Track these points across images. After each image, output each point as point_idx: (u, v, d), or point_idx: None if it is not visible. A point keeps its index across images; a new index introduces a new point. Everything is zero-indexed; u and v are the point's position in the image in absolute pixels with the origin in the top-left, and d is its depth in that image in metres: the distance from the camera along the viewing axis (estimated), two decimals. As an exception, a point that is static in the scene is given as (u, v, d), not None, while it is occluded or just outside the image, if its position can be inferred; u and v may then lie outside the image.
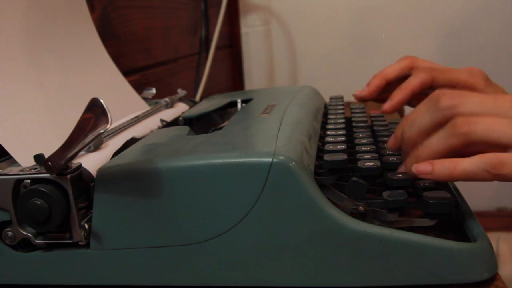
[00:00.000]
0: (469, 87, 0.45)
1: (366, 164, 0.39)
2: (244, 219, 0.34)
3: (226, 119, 0.58)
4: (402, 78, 0.52)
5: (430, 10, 1.26)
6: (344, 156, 0.39)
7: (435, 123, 0.36)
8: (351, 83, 1.31)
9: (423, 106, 0.38)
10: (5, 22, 0.46)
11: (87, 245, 0.37)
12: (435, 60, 0.54)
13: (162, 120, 0.55)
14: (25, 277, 0.38)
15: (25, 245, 0.38)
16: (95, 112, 0.32)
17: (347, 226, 0.33)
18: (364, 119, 0.55)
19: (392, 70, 0.52)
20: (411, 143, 0.38)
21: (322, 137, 0.48)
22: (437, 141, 0.36)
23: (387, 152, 0.43)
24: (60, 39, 0.53)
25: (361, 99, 0.53)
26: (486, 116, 0.34)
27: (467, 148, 0.35)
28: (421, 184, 0.39)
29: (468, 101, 0.35)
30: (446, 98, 0.36)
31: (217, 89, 1.23)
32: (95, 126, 0.33)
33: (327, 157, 0.39)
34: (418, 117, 0.38)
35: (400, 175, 0.38)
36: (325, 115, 0.58)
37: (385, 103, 0.49)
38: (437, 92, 0.37)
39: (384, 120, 0.55)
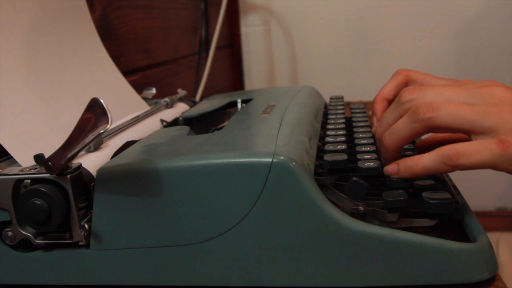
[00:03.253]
0: None
1: (366, 164, 0.39)
2: (244, 219, 0.34)
3: (226, 119, 0.58)
4: None
5: (430, 11, 1.26)
6: (344, 156, 0.39)
7: (400, 116, 0.38)
8: (351, 83, 1.31)
9: (391, 105, 0.40)
10: (5, 21, 0.46)
11: (87, 245, 0.37)
12: (435, 60, 0.54)
13: (162, 120, 0.55)
14: (25, 277, 0.38)
15: (25, 245, 0.38)
16: (95, 112, 0.32)
17: (347, 226, 0.33)
18: (364, 119, 0.55)
19: (389, 89, 0.52)
20: (379, 138, 0.40)
21: (322, 137, 0.48)
22: (401, 127, 0.37)
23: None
24: (60, 38, 0.53)
25: None
26: (447, 102, 0.36)
27: (430, 132, 0.37)
28: (421, 184, 0.39)
29: (427, 93, 0.38)
30: (406, 93, 0.38)
31: (217, 89, 1.23)
32: (95, 126, 0.33)
33: (327, 157, 0.39)
34: (386, 115, 0.40)
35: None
36: (325, 115, 0.58)
37: (374, 125, 0.50)
38: (402, 90, 0.39)
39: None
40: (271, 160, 0.33)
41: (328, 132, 0.48)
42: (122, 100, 0.60)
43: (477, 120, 0.34)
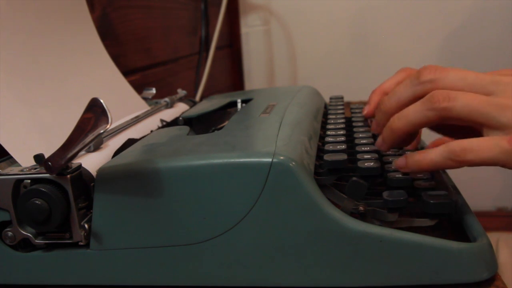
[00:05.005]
0: None
1: (366, 164, 0.39)
2: (244, 219, 0.34)
3: (226, 119, 0.58)
4: None
5: (430, 11, 1.27)
6: (344, 156, 0.39)
7: (415, 96, 0.37)
8: (351, 83, 1.31)
9: (405, 80, 0.38)
10: (5, 21, 0.46)
11: (87, 245, 0.37)
12: (435, 60, 0.54)
13: (162, 120, 0.55)
14: (25, 277, 0.38)
15: (25, 245, 0.38)
16: (95, 112, 0.32)
17: (347, 226, 0.33)
18: (364, 119, 0.55)
19: (391, 84, 0.52)
20: (388, 114, 0.38)
21: (322, 137, 0.48)
22: (414, 113, 0.36)
23: (387, 152, 0.43)
24: (60, 38, 0.53)
25: (368, 116, 0.53)
26: (465, 92, 0.35)
27: (442, 122, 0.36)
28: (421, 184, 0.39)
29: (449, 75, 0.36)
30: (427, 72, 0.37)
31: (217, 89, 1.23)
32: (95, 126, 0.33)
33: (327, 157, 0.39)
34: (399, 89, 0.38)
35: (400, 175, 0.38)
36: (325, 115, 0.58)
37: (364, 108, 0.50)
38: (420, 68, 0.38)
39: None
40: (271, 160, 0.33)
41: (328, 132, 0.48)
42: (122, 100, 0.60)
43: (493, 115, 0.33)
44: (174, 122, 0.57)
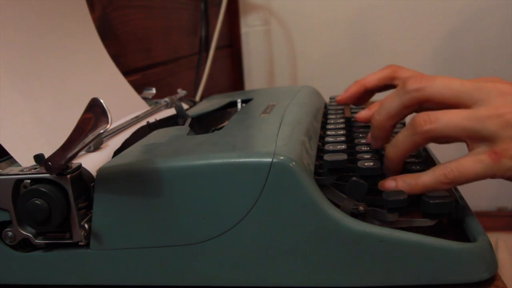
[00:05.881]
0: None
1: (366, 164, 0.39)
2: (244, 219, 0.34)
3: (226, 119, 0.58)
4: (383, 87, 0.53)
5: (430, 11, 1.27)
6: (344, 156, 0.39)
7: (404, 105, 0.38)
8: (351, 83, 1.31)
9: (392, 93, 0.39)
10: (5, 21, 0.46)
11: (87, 245, 0.37)
12: (434, 60, 0.54)
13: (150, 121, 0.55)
14: (25, 277, 0.38)
15: (25, 245, 0.38)
16: (95, 112, 0.32)
17: (347, 226, 0.33)
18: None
19: (372, 79, 0.52)
20: (381, 127, 0.39)
21: (322, 137, 0.48)
22: (402, 139, 0.37)
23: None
24: (60, 39, 0.53)
25: (339, 103, 0.55)
26: (445, 111, 0.35)
27: (431, 142, 0.37)
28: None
29: (435, 83, 0.37)
30: (413, 81, 0.37)
31: (217, 89, 1.23)
32: (95, 126, 0.33)
33: (327, 157, 0.39)
34: (386, 102, 0.39)
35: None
36: (325, 115, 0.58)
37: (340, 97, 0.53)
38: (405, 79, 0.39)
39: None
40: (271, 160, 0.33)
41: (328, 132, 0.48)
42: (122, 100, 0.60)
43: (475, 129, 0.34)
44: (169, 119, 0.57)
